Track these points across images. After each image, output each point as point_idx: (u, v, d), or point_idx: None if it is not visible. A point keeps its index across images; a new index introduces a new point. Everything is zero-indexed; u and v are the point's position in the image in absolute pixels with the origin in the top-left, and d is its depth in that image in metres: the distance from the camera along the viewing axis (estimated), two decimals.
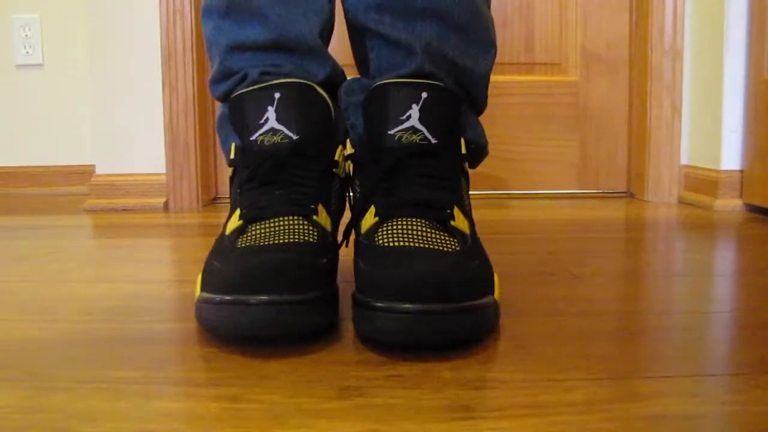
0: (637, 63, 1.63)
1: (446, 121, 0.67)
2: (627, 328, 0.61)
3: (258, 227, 0.61)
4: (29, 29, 1.85)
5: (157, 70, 1.51)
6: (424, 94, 0.65)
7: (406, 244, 0.57)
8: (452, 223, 0.62)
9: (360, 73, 0.81)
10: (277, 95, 0.65)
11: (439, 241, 0.58)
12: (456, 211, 0.63)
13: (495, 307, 0.57)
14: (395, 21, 0.71)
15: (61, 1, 1.84)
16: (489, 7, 0.78)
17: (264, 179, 0.64)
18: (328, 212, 0.66)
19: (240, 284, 0.52)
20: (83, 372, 0.51)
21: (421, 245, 0.57)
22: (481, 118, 0.81)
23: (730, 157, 1.42)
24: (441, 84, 0.68)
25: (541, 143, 1.67)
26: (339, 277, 0.63)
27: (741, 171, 1.41)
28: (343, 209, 0.74)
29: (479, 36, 0.75)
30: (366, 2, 0.73)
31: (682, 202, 1.54)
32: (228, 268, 0.55)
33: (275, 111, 0.65)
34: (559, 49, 1.67)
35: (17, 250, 1.04)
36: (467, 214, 0.65)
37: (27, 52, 1.86)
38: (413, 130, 0.65)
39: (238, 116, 0.68)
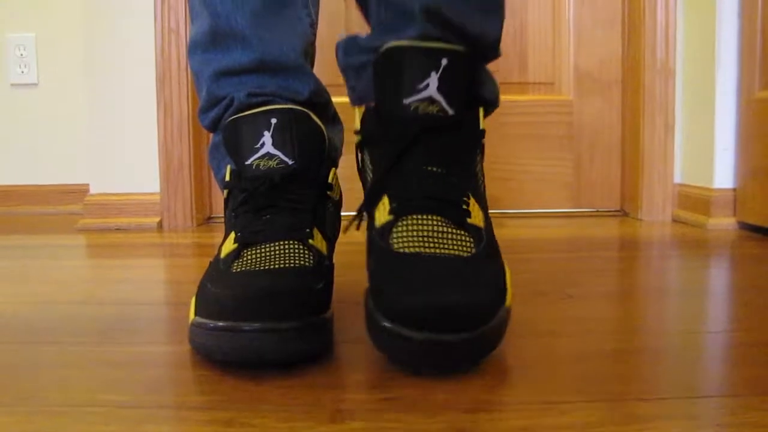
0: (629, 82, 1.64)
1: (465, 91, 0.63)
2: (622, 348, 0.61)
3: (253, 251, 0.60)
4: (24, 48, 1.85)
5: (151, 89, 1.51)
6: (444, 61, 0.60)
7: (422, 250, 0.55)
8: (468, 221, 0.59)
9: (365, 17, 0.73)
10: (273, 120, 0.65)
11: (455, 243, 0.56)
12: (472, 202, 0.60)
13: (506, 316, 0.55)
14: None
15: (56, 20, 1.84)
16: None
17: (259, 203, 0.64)
18: (324, 236, 0.66)
19: (234, 310, 0.52)
20: (75, 395, 0.50)
21: (437, 251, 0.55)
22: None
23: (723, 176, 1.43)
24: (461, 49, 0.62)
25: (535, 162, 1.67)
26: (334, 297, 0.63)
27: (734, 189, 1.42)
28: (338, 232, 0.74)
29: None
30: None
31: (675, 220, 1.55)
32: (223, 293, 0.55)
33: (272, 136, 0.65)
34: (553, 69, 1.68)
35: (9, 269, 1.03)
36: (482, 201, 0.62)
37: (22, 72, 1.86)
38: (431, 100, 0.60)
39: (234, 140, 0.68)
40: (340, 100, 0.82)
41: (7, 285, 0.91)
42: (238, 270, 0.58)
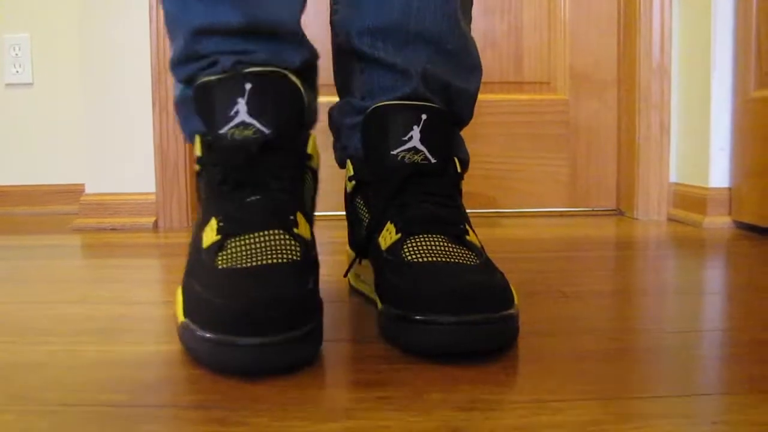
0: (625, 82, 1.64)
1: (443, 142, 0.70)
2: (617, 347, 0.61)
3: (238, 243, 0.58)
4: (19, 48, 1.85)
5: (147, 89, 1.51)
6: (424, 116, 0.68)
7: (435, 259, 0.60)
8: (467, 238, 0.65)
9: (339, 94, 0.81)
10: (248, 86, 0.62)
11: (461, 255, 0.62)
12: (466, 227, 0.66)
13: (518, 314, 0.60)
14: (387, 45, 0.73)
15: (51, 20, 1.84)
16: (470, 29, 0.79)
17: (237, 180, 0.61)
18: (306, 218, 0.63)
19: (230, 324, 0.50)
20: (70, 395, 0.50)
21: (449, 260, 0.60)
22: (470, 137, 0.82)
23: (719, 175, 1.43)
24: (438, 107, 0.71)
25: (531, 162, 1.67)
26: (324, 298, 0.63)
27: (729, 188, 1.42)
28: (315, 201, 0.72)
29: (466, 58, 0.77)
30: (360, 27, 0.74)
31: (671, 219, 1.55)
32: (216, 302, 0.52)
33: (246, 103, 0.62)
34: (548, 68, 1.68)
35: (5, 269, 1.03)
36: (473, 230, 0.68)
37: (17, 71, 1.85)
38: (415, 150, 0.68)
39: (205, 106, 0.63)
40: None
41: (2, 285, 0.91)
42: (224, 266, 0.56)
